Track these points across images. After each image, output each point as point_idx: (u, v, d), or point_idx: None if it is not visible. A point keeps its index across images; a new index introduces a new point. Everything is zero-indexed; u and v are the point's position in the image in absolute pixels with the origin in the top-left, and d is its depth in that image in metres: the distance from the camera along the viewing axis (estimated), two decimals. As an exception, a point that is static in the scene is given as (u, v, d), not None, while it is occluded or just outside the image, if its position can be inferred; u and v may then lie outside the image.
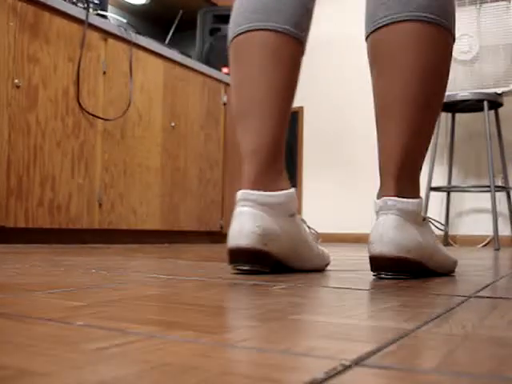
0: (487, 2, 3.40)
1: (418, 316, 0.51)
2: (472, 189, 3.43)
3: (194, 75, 3.04)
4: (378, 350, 0.36)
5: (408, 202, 0.93)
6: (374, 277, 0.94)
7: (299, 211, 3.99)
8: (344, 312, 0.53)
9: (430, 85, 0.95)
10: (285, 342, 0.38)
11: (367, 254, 0.87)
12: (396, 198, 0.93)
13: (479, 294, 0.71)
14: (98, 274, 0.89)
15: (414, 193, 0.96)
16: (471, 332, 0.43)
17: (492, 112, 3.45)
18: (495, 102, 3.29)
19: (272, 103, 0.99)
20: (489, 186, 3.19)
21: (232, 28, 1.04)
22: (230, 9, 3.55)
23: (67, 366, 0.29)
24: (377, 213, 0.95)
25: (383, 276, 0.92)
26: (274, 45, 0.99)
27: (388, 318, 0.49)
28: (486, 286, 0.81)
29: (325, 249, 1.11)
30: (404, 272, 0.91)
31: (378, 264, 0.92)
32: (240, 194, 0.95)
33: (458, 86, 3.30)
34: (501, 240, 3.36)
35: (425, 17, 0.93)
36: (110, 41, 2.53)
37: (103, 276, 0.86)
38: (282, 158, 1.02)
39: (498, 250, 2.96)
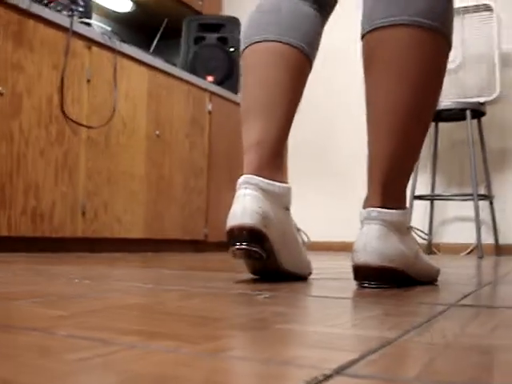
0: (470, 12, 3.44)
1: (400, 325, 0.51)
2: (455, 197, 3.46)
3: (179, 83, 3.04)
4: (360, 358, 0.36)
5: (392, 213, 0.93)
6: (356, 286, 0.94)
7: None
8: (327, 321, 0.53)
9: (424, 95, 0.95)
10: (267, 351, 0.38)
11: (351, 263, 0.88)
12: (380, 209, 0.93)
13: (461, 303, 0.71)
14: (81, 284, 0.89)
15: (399, 203, 0.96)
16: (452, 340, 0.44)
17: (475, 121, 3.48)
18: (478, 111, 3.32)
19: (281, 105, 1.04)
20: (472, 195, 3.21)
21: (248, 35, 1.09)
22: (214, 18, 3.56)
23: (50, 377, 0.29)
24: (361, 222, 0.96)
25: (366, 285, 0.92)
26: (287, 55, 1.05)
27: (371, 327, 0.49)
28: (468, 295, 0.82)
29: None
30: (387, 281, 0.91)
31: (362, 273, 0.92)
32: (242, 178, 0.98)
33: (442, 95, 3.32)
34: (484, 248, 3.38)
35: (425, 23, 0.92)
36: (95, 49, 2.53)
37: (86, 285, 0.86)
38: (282, 156, 1.05)
39: (481, 257, 2.98)
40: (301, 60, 1.07)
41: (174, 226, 2.96)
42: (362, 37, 0.99)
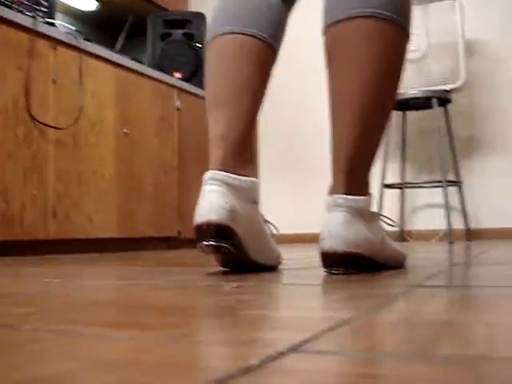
0: (433, 1, 3.48)
1: (361, 306, 0.52)
2: (425, 184, 3.50)
3: (146, 81, 3.03)
4: (315, 337, 0.37)
5: (357, 200, 0.95)
6: (325, 273, 0.95)
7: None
8: (291, 306, 0.54)
9: (385, 84, 0.97)
10: (227, 334, 0.39)
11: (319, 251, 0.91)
12: (345, 196, 0.95)
13: (424, 284, 0.73)
14: (51, 283, 0.89)
15: (363, 190, 0.98)
16: (406, 318, 0.45)
17: (441, 108, 3.52)
18: (444, 99, 3.37)
19: (245, 97, 1.05)
20: (441, 181, 3.26)
21: (213, 28, 1.10)
22: (180, 14, 3.55)
23: (10, 367, 0.30)
24: (327, 210, 0.97)
25: (334, 272, 0.93)
26: (251, 47, 1.06)
27: (333, 309, 0.51)
28: (432, 276, 0.84)
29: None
30: (354, 267, 0.94)
31: (329, 260, 0.94)
32: (208, 174, 0.99)
33: (408, 84, 3.36)
34: (455, 233, 3.43)
35: (385, 15, 0.95)
36: (59, 49, 2.51)
37: (56, 284, 0.86)
38: (250, 150, 1.06)
39: (452, 243, 3.03)
40: (264, 51, 1.08)
41: (147, 224, 2.96)
42: (325, 31, 1.02)
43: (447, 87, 3.35)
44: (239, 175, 1.00)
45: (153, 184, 3.01)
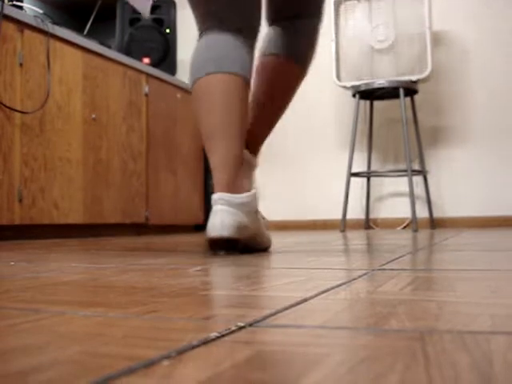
0: (401, -8, 3.51)
1: (319, 287, 0.55)
2: (390, 173, 3.55)
3: (115, 66, 3.01)
4: (274, 313, 0.39)
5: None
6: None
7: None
8: (251, 286, 0.56)
9: (289, 99, 1.38)
10: (189, 311, 0.41)
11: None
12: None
13: (383, 267, 0.76)
14: (17, 266, 0.90)
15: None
16: (364, 297, 0.47)
17: (408, 99, 3.57)
18: (411, 89, 3.41)
19: (235, 127, 1.24)
20: (406, 171, 3.31)
21: (195, 70, 1.26)
22: (149, -1, 3.53)
23: (-21, 339, 0.31)
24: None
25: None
26: (232, 83, 1.25)
27: (290, 290, 0.53)
28: (391, 261, 0.87)
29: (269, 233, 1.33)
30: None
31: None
32: (216, 195, 1.16)
33: (375, 74, 3.40)
34: (420, 222, 3.49)
35: (297, 61, 1.35)
36: (27, 32, 2.48)
37: (22, 267, 0.87)
38: (243, 168, 1.24)
39: (416, 231, 3.08)
40: (243, 84, 1.26)
41: (114, 210, 2.95)
42: (259, 58, 1.36)
43: (414, 77, 3.39)
44: (241, 193, 1.17)
45: (121, 170, 3.01)
